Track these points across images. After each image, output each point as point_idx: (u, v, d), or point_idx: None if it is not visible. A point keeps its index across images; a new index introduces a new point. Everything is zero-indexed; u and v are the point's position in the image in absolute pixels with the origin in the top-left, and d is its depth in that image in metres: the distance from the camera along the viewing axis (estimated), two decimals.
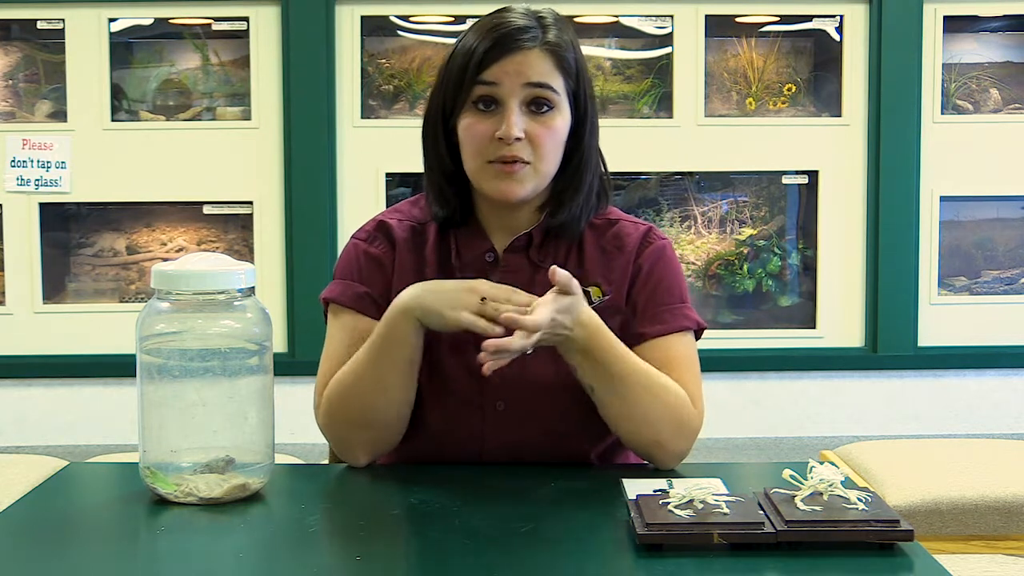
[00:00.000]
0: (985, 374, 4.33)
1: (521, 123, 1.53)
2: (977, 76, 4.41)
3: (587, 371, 1.51)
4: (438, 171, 1.62)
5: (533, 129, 1.54)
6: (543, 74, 1.54)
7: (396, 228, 1.66)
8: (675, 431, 1.54)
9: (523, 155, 1.54)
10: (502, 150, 1.53)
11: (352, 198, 4.22)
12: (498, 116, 1.54)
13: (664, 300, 1.62)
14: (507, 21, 1.56)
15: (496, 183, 1.55)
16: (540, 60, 1.54)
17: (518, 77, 1.53)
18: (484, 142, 1.54)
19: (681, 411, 1.55)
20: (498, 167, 1.54)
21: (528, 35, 1.55)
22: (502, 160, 1.54)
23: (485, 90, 1.54)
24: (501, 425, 1.58)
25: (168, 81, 4.37)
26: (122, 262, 4.39)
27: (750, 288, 4.40)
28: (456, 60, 1.57)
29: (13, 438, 4.21)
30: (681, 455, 1.57)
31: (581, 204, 1.61)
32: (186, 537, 1.34)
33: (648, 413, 1.53)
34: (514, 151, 1.53)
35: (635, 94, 4.31)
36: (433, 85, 1.63)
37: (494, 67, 1.53)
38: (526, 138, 1.54)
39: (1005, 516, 2.43)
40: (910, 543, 1.26)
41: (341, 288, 1.65)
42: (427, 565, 1.26)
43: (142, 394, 1.43)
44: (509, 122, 1.53)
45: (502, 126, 1.53)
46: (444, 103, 1.59)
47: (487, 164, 1.55)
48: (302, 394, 1.87)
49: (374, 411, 1.56)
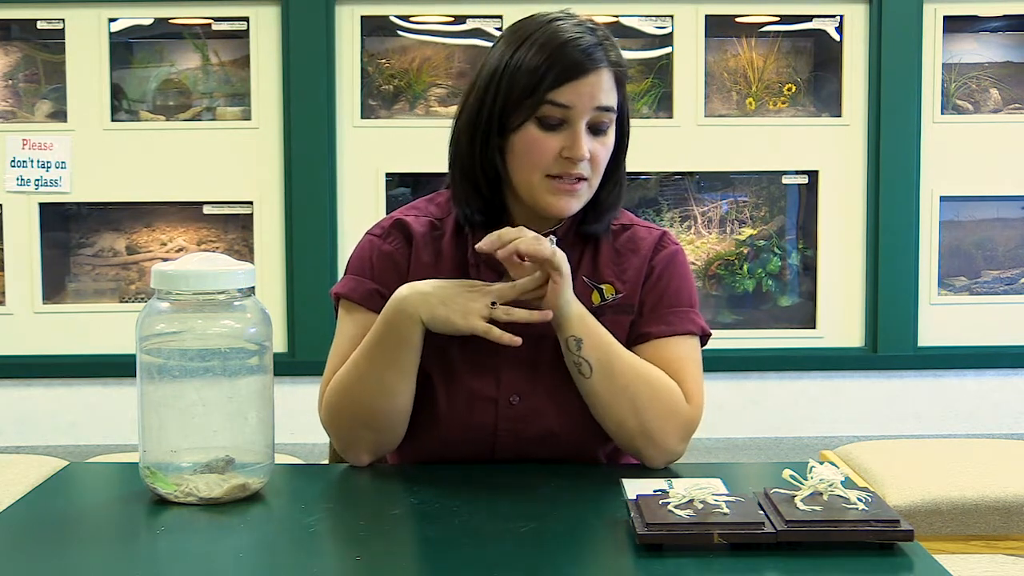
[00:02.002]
0: (985, 374, 4.33)
1: (588, 143, 1.55)
2: (977, 76, 4.41)
3: (592, 343, 1.52)
4: (482, 176, 1.61)
5: (595, 148, 1.56)
6: (610, 98, 1.56)
7: (414, 224, 1.66)
8: (663, 424, 1.54)
9: (585, 173, 1.56)
10: (568, 168, 1.55)
11: (352, 198, 4.22)
12: (563, 134, 1.55)
13: (672, 303, 1.63)
14: (575, 39, 1.54)
15: (554, 199, 1.56)
16: (608, 82, 1.56)
17: (591, 100, 1.54)
18: (549, 158, 1.55)
19: (672, 402, 1.55)
20: (559, 184, 1.56)
21: (597, 56, 1.55)
22: (567, 177, 1.55)
23: (556, 111, 1.54)
24: (514, 420, 1.59)
25: (168, 81, 4.37)
26: (122, 262, 4.39)
27: (750, 288, 4.40)
28: (520, 75, 1.54)
29: (13, 438, 4.21)
30: (671, 452, 1.57)
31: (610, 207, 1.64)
32: (186, 537, 1.34)
33: (637, 403, 1.53)
34: (579, 170, 1.55)
35: (635, 94, 4.31)
36: (479, 91, 1.59)
37: (567, 89, 1.53)
38: (589, 157, 1.56)
39: (1005, 516, 2.43)
40: (910, 543, 1.26)
41: (353, 284, 1.65)
42: (427, 565, 1.26)
43: (142, 394, 1.43)
44: (580, 144, 1.54)
45: (571, 145, 1.54)
46: (503, 114, 1.57)
47: (545, 178, 1.56)
48: (302, 394, 1.87)
49: (376, 412, 1.56)
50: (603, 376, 1.53)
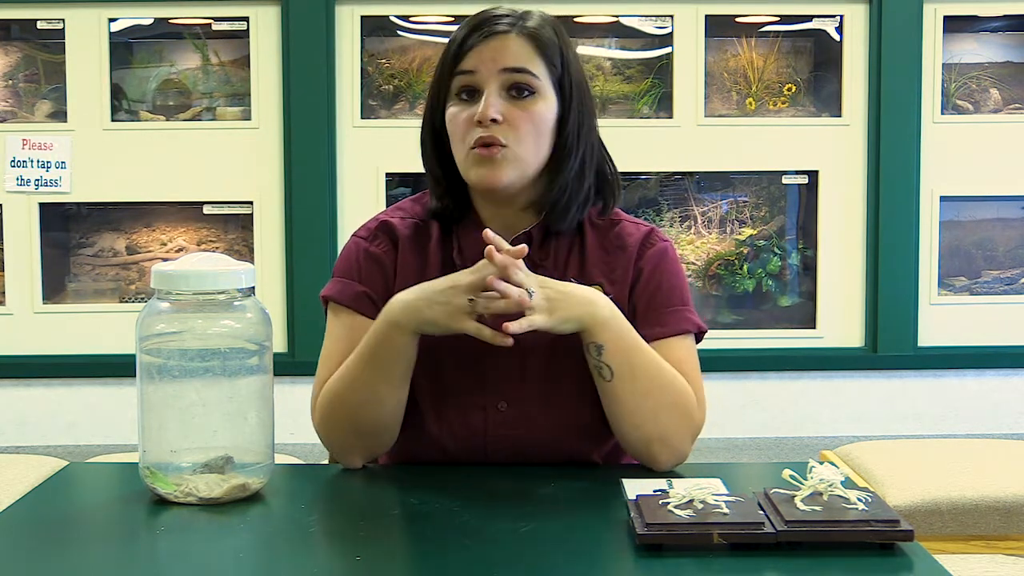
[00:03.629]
0: (985, 374, 4.33)
1: (498, 106, 1.54)
2: (977, 76, 4.41)
3: (613, 349, 1.50)
4: (435, 168, 1.63)
5: (511, 112, 1.54)
6: (520, 59, 1.55)
7: (399, 226, 1.66)
8: (679, 427, 1.54)
9: (501, 138, 1.53)
10: (479, 133, 1.53)
11: (352, 198, 4.22)
12: (478, 103, 1.55)
13: (665, 303, 1.62)
14: (486, 12, 1.58)
15: (478, 170, 1.55)
16: (517, 45, 1.55)
17: (494, 63, 1.54)
18: (464, 129, 1.55)
19: (688, 406, 1.55)
20: (478, 152, 1.54)
21: (504, 21, 1.56)
22: (481, 143, 1.53)
23: (465, 79, 1.55)
24: (504, 426, 1.58)
25: (168, 81, 4.37)
26: (122, 262, 4.39)
27: (750, 288, 4.40)
28: (443, 56, 1.59)
29: (13, 438, 4.21)
30: (681, 455, 1.56)
31: (569, 195, 1.59)
32: (186, 537, 1.34)
33: (658, 407, 1.52)
34: (491, 132, 1.53)
35: (635, 94, 4.31)
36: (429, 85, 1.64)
37: (471, 55, 1.55)
38: (505, 122, 1.53)
39: (1005, 516, 2.43)
40: (910, 543, 1.26)
41: (340, 287, 1.65)
42: (427, 565, 1.26)
43: (142, 394, 1.43)
44: (485, 103, 1.53)
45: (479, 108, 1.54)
46: (434, 99, 1.61)
47: (470, 152, 1.55)
48: (302, 394, 1.87)
49: (367, 420, 1.56)
50: (624, 381, 1.52)
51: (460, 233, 1.63)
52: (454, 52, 1.56)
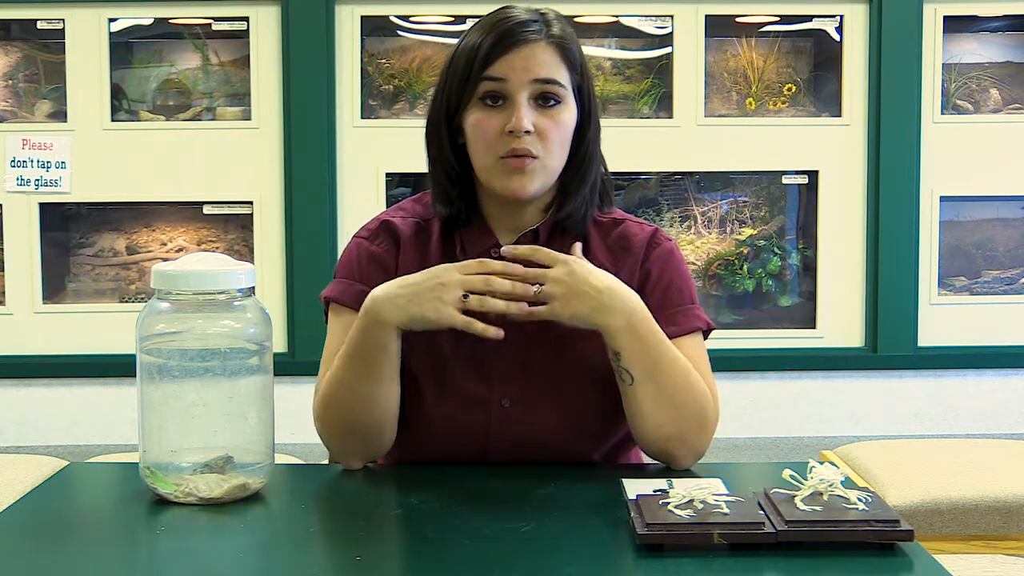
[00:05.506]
0: (985, 374, 4.33)
1: (531, 116, 1.53)
2: (977, 76, 4.41)
3: (631, 355, 1.50)
4: (443, 171, 1.62)
5: (541, 123, 1.54)
6: (550, 69, 1.55)
7: (400, 226, 1.66)
8: (699, 426, 1.54)
9: (533, 149, 1.54)
10: (512, 144, 1.53)
11: (352, 198, 4.22)
12: (506, 111, 1.54)
13: (675, 302, 1.63)
14: (510, 16, 1.56)
15: (507, 180, 1.55)
16: (546, 54, 1.55)
17: (525, 73, 1.53)
18: (494, 137, 1.54)
19: (706, 405, 1.55)
20: (509, 162, 1.54)
21: (532, 29, 1.55)
22: (513, 154, 1.53)
23: (492, 86, 1.54)
24: (506, 422, 1.58)
25: (168, 81, 4.37)
26: (122, 262, 4.39)
27: (750, 288, 4.40)
28: (460, 58, 1.57)
29: (13, 438, 4.21)
30: (699, 453, 1.57)
31: (586, 198, 1.61)
32: (186, 537, 1.34)
33: (679, 409, 1.53)
34: (524, 144, 1.53)
35: (635, 94, 4.31)
36: (436, 86, 1.63)
37: (500, 62, 1.53)
38: (535, 132, 1.54)
39: (1005, 516, 2.43)
40: (910, 543, 1.26)
41: (341, 287, 1.65)
42: (427, 565, 1.26)
43: (142, 394, 1.43)
44: (519, 115, 1.52)
45: (512, 119, 1.53)
46: (449, 101, 1.59)
47: (499, 160, 1.55)
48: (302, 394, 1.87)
49: (360, 421, 1.56)
50: (644, 385, 1.52)
51: (464, 234, 1.63)
52: (482, 57, 1.54)
